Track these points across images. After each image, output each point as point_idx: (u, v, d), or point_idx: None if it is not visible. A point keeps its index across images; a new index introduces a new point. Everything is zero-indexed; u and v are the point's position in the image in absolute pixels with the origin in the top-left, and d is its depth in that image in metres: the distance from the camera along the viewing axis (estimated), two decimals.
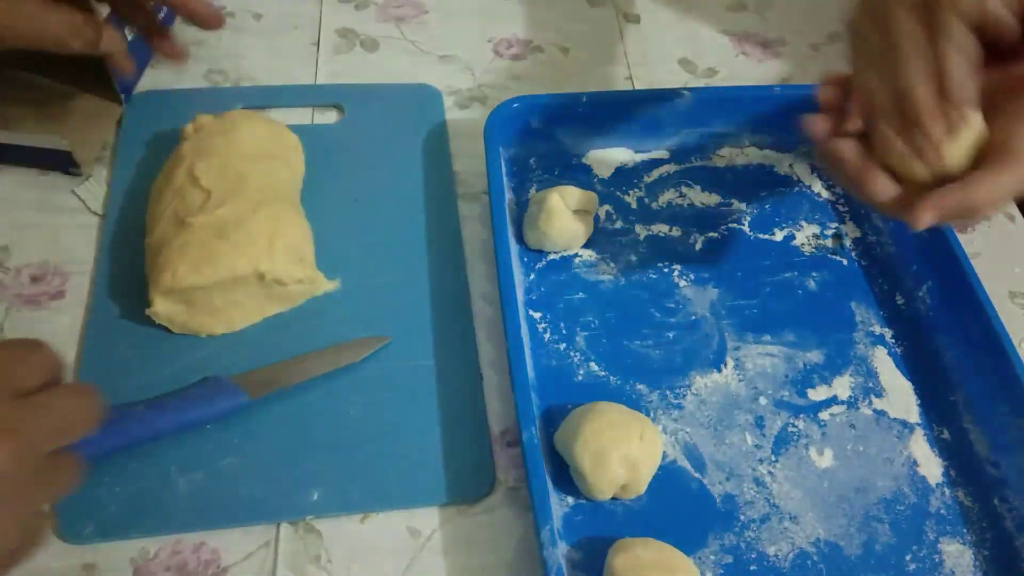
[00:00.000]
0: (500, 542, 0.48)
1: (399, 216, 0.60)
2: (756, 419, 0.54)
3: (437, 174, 0.63)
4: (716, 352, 0.56)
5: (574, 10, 0.77)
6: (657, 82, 0.72)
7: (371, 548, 0.47)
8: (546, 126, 0.63)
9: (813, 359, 0.57)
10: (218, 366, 0.51)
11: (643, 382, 0.55)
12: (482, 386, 0.53)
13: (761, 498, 0.51)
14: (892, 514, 0.51)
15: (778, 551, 0.49)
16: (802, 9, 0.81)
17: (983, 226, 0.67)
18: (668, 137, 0.66)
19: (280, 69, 0.68)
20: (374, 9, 0.74)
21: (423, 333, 0.55)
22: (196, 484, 0.48)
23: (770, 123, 0.66)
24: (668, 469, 0.51)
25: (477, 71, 0.71)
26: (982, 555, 0.50)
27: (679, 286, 0.59)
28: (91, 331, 0.53)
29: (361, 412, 0.51)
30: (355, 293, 0.56)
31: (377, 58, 0.71)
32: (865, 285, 0.61)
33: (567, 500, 0.49)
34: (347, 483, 0.49)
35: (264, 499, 0.48)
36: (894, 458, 0.53)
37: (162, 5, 0.57)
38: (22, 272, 0.55)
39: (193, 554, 0.46)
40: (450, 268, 0.58)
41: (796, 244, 0.63)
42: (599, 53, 0.74)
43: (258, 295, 0.52)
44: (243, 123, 0.57)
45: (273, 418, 0.50)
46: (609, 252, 0.60)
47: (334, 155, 0.63)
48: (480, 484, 0.50)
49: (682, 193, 0.65)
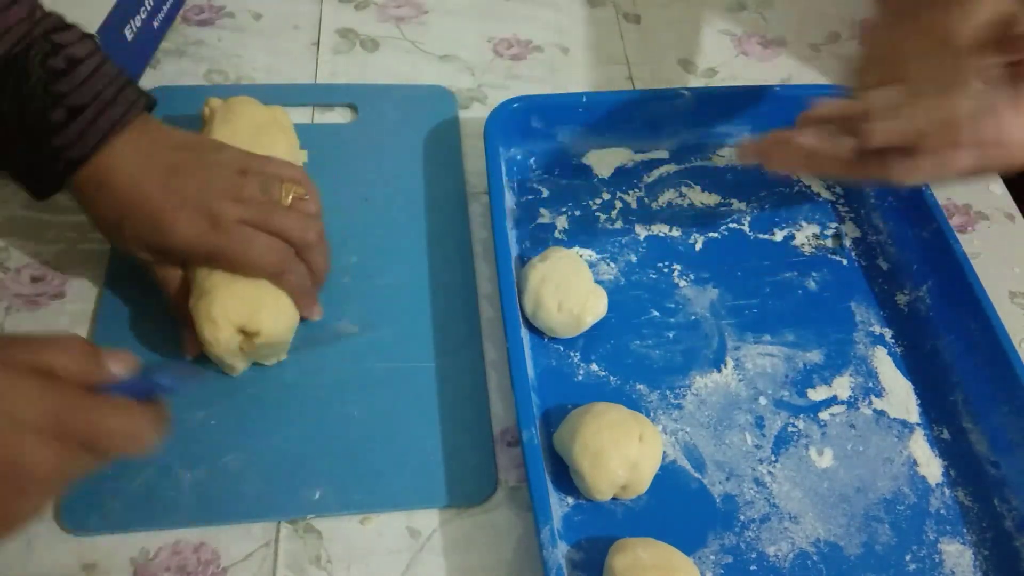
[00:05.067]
0: (500, 542, 0.48)
1: (408, 216, 0.60)
2: (756, 419, 0.54)
3: (448, 175, 0.63)
4: (716, 352, 0.56)
5: (574, 10, 0.77)
6: (657, 82, 0.72)
7: (371, 548, 0.48)
8: (546, 126, 0.63)
9: (813, 359, 0.57)
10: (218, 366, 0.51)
11: (643, 382, 0.55)
12: (487, 390, 0.53)
13: (761, 498, 0.51)
14: (892, 514, 0.51)
15: (778, 551, 0.49)
16: (802, 9, 0.81)
17: (983, 226, 0.67)
18: (668, 137, 0.66)
19: (280, 69, 0.68)
20: (374, 9, 0.74)
21: (429, 334, 0.55)
22: (199, 480, 0.48)
23: (770, 123, 0.66)
24: (668, 469, 0.51)
25: (477, 71, 0.71)
26: (982, 555, 0.50)
27: (679, 286, 0.59)
28: (98, 328, 0.53)
29: (364, 413, 0.51)
30: (362, 293, 0.56)
31: (377, 58, 0.71)
32: (865, 285, 0.61)
33: (567, 500, 0.49)
34: (349, 483, 0.49)
35: (266, 497, 0.48)
36: (894, 458, 0.53)
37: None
38: (22, 272, 0.55)
39: (193, 554, 0.46)
40: (458, 269, 0.58)
41: (796, 244, 0.63)
42: (599, 53, 0.74)
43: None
44: (240, 105, 0.57)
45: (277, 417, 0.50)
46: (609, 252, 0.60)
47: (346, 155, 0.63)
48: (482, 488, 0.50)
49: (682, 193, 0.65)
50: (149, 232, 0.48)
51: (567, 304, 0.53)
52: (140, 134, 0.48)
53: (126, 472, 0.47)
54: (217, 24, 0.71)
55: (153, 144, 0.49)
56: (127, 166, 0.47)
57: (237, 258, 0.48)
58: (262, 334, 0.48)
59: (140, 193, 0.47)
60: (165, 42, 0.68)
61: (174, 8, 0.69)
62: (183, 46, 0.69)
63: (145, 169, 0.47)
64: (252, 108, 0.57)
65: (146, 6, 0.64)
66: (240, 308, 0.48)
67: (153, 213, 0.47)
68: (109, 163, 0.47)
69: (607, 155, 0.65)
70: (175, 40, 0.69)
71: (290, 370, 0.52)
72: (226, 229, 0.47)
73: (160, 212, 0.47)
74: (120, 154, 0.47)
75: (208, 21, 0.71)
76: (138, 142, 0.48)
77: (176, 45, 0.69)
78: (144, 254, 0.49)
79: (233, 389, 0.51)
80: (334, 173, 0.61)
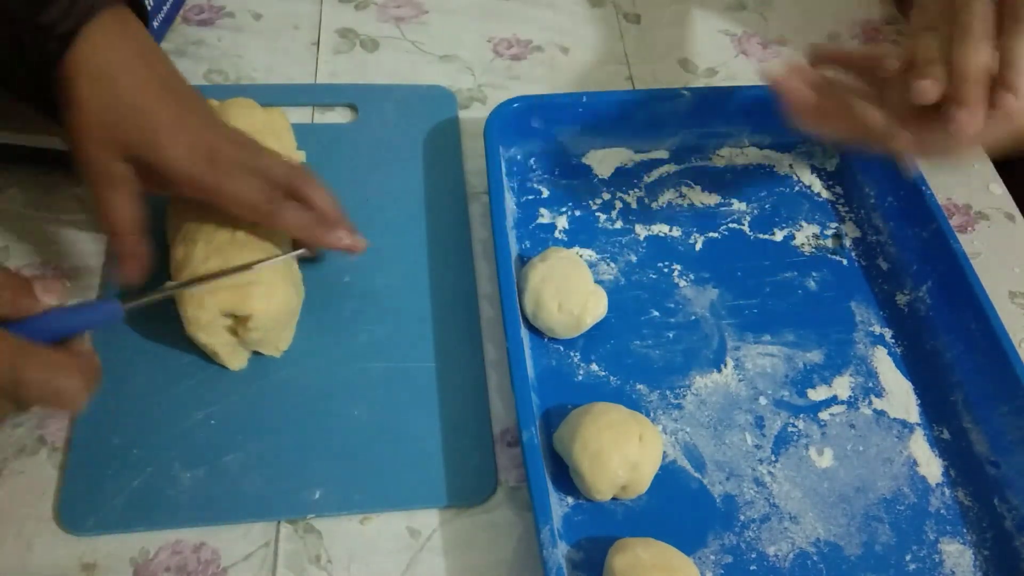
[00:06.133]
0: (500, 542, 0.48)
1: (408, 216, 0.60)
2: (756, 419, 0.54)
3: (448, 175, 0.63)
4: (716, 352, 0.56)
5: (574, 10, 0.77)
6: (657, 82, 0.72)
7: (371, 548, 0.48)
8: (546, 126, 0.63)
9: (813, 359, 0.57)
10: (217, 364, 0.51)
11: (643, 382, 0.55)
12: (487, 390, 0.53)
13: (761, 498, 0.51)
14: (892, 514, 0.51)
15: (778, 551, 0.49)
16: (802, 9, 0.81)
17: (983, 226, 0.67)
18: (668, 137, 0.66)
19: (280, 69, 0.68)
20: (374, 9, 0.74)
21: (429, 334, 0.55)
22: (199, 480, 0.48)
23: (770, 123, 0.66)
24: (668, 469, 0.51)
25: (477, 71, 0.71)
26: (982, 555, 0.50)
27: (679, 286, 0.59)
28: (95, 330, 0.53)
29: (364, 413, 0.51)
30: (362, 293, 0.56)
31: (377, 58, 0.71)
32: (865, 285, 0.61)
33: (567, 500, 0.49)
34: (349, 483, 0.49)
35: (266, 497, 0.48)
36: (894, 458, 0.53)
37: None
38: (22, 272, 0.55)
39: (193, 554, 0.46)
40: (458, 269, 0.58)
41: (796, 244, 0.63)
42: (599, 53, 0.74)
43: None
44: (237, 110, 0.56)
45: (277, 416, 0.50)
46: (609, 252, 0.60)
47: (346, 155, 0.63)
48: (482, 488, 0.50)
49: (682, 193, 0.65)
50: (141, 144, 0.45)
51: (567, 305, 0.53)
52: (134, 39, 0.46)
53: (126, 472, 0.47)
54: (217, 24, 0.71)
55: (150, 52, 0.47)
56: (129, 70, 0.45)
57: (225, 195, 0.47)
58: (254, 318, 0.48)
59: (144, 101, 0.45)
60: (165, 42, 0.68)
61: (174, 8, 0.69)
62: (183, 46, 0.69)
63: (146, 77, 0.46)
64: (247, 112, 0.56)
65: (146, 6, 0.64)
66: (229, 296, 0.47)
67: (155, 126, 0.45)
68: (108, 65, 0.45)
69: (607, 155, 0.65)
70: (175, 40, 0.69)
71: (290, 370, 0.52)
72: (220, 165, 0.46)
73: (161, 128, 0.45)
74: (118, 58, 0.45)
75: (208, 21, 0.71)
76: (133, 46, 0.46)
77: (176, 45, 0.69)
78: (119, 166, 0.46)
79: (233, 388, 0.51)
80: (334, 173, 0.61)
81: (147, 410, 0.50)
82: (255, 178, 0.48)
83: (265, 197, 0.48)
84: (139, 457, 0.48)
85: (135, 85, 0.45)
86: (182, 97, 0.47)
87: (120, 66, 0.45)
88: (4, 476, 0.47)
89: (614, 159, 0.65)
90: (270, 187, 0.48)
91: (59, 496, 0.47)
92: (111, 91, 0.45)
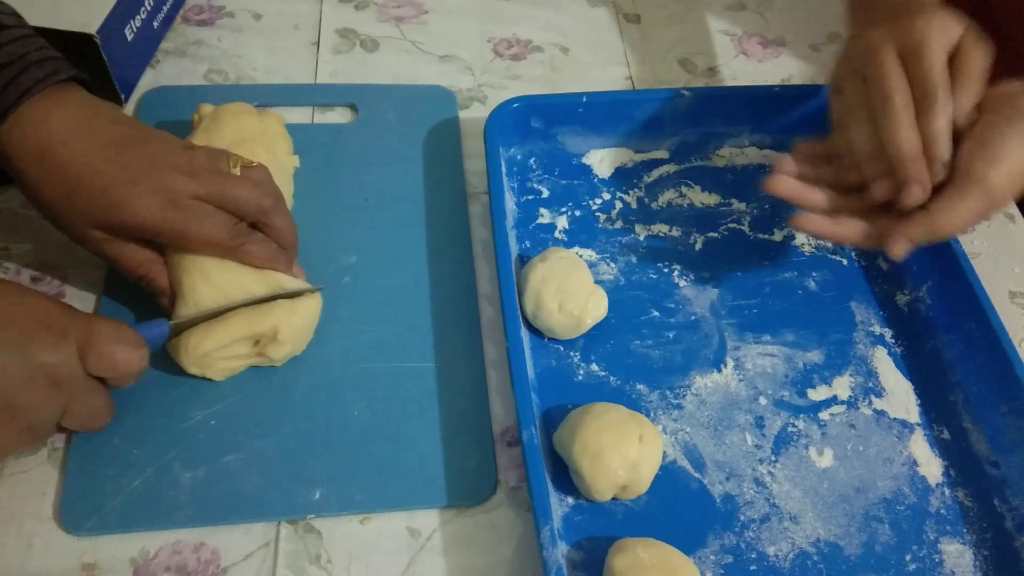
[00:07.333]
0: (500, 542, 0.48)
1: (408, 216, 0.60)
2: (756, 419, 0.54)
3: (448, 175, 0.63)
4: (716, 352, 0.56)
5: (574, 10, 0.77)
6: (657, 82, 0.72)
7: (371, 548, 0.47)
8: (546, 126, 0.63)
9: (813, 359, 0.57)
10: None
11: (643, 382, 0.55)
12: (487, 390, 0.53)
13: (761, 498, 0.51)
14: (892, 514, 0.51)
15: (778, 551, 0.49)
16: (802, 9, 0.81)
17: (983, 226, 0.67)
18: (668, 137, 0.66)
19: (280, 69, 0.68)
20: (374, 9, 0.74)
21: (429, 334, 0.55)
22: (199, 480, 0.48)
23: (770, 123, 0.66)
24: (668, 469, 0.51)
25: (477, 71, 0.71)
26: (982, 555, 0.50)
27: (679, 286, 0.59)
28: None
29: (364, 413, 0.51)
30: (362, 293, 0.56)
31: (377, 58, 0.71)
32: (865, 285, 0.61)
33: (567, 500, 0.49)
34: (349, 483, 0.49)
35: (266, 497, 0.48)
36: (894, 458, 0.53)
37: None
38: (22, 272, 0.55)
39: (193, 554, 0.46)
40: (458, 269, 0.58)
41: (796, 244, 0.63)
42: (599, 53, 0.74)
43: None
44: (229, 117, 0.56)
45: (276, 416, 0.50)
46: (609, 252, 0.60)
47: (346, 155, 0.63)
48: (482, 488, 0.50)
49: (682, 193, 0.65)
50: (100, 209, 0.45)
51: (568, 305, 0.53)
52: (77, 108, 0.46)
53: (126, 472, 0.47)
54: (217, 24, 0.71)
55: (94, 117, 0.47)
56: (69, 140, 0.45)
57: (191, 236, 0.47)
58: (281, 332, 0.49)
59: (88, 167, 0.45)
60: (165, 42, 0.69)
61: (174, 8, 0.70)
62: (183, 46, 0.69)
63: (89, 143, 0.45)
64: (239, 120, 0.55)
65: (146, 6, 0.64)
66: (251, 318, 0.49)
67: (105, 188, 0.45)
68: (49, 137, 0.45)
69: (607, 155, 0.65)
70: (175, 40, 0.69)
71: (290, 370, 0.52)
72: (182, 206, 0.46)
73: (112, 187, 0.45)
74: (59, 128, 0.45)
75: (208, 21, 0.71)
76: (76, 115, 0.46)
77: (176, 45, 0.69)
78: (95, 233, 0.47)
79: (233, 389, 0.51)
80: (334, 173, 0.61)
81: (147, 410, 0.50)
82: (220, 214, 0.48)
83: (229, 234, 0.48)
84: (139, 457, 0.48)
85: (77, 155, 0.45)
86: (131, 151, 0.46)
87: (59, 140, 0.45)
88: (4, 476, 0.47)
89: (614, 159, 0.65)
90: (234, 220, 0.48)
91: (59, 496, 0.47)
92: (53, 166, 0.45)
